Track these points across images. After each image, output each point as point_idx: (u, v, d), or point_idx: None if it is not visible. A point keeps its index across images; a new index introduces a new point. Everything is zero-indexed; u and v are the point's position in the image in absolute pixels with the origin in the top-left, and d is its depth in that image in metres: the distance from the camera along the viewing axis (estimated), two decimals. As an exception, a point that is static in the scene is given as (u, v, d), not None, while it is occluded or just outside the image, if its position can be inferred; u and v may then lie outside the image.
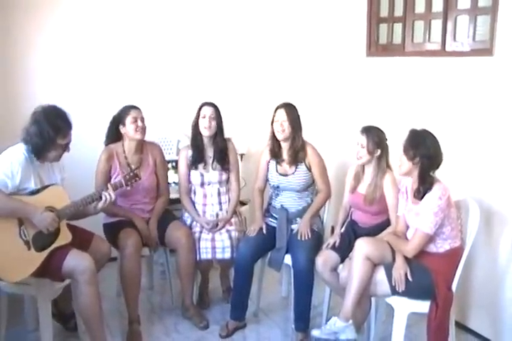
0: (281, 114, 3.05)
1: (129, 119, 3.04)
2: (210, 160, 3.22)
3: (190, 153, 3.22)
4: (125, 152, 3.13)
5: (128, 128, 3.06)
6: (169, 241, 3.14)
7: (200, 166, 3.21)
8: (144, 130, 3.09)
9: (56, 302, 2.87)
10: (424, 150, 2.50)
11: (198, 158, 3.20)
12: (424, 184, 2.53)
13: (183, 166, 3.24)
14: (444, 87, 3.10)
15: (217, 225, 3.16)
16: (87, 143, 3.36)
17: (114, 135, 3.13)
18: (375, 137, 2.81)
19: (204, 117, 3.13)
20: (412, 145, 2.52)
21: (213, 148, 3.21)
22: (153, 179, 3.20)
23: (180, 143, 3.86)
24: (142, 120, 3.09)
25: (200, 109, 3.17)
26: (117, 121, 3.09)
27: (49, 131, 2.53)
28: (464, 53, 3.00)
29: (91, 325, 2.66)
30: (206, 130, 3.14)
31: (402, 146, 2.56)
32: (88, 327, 2.69)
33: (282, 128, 3.03)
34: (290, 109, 3.07)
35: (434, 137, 2.55)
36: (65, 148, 2.65)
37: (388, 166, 2.88)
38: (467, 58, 2.97)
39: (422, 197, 2.54)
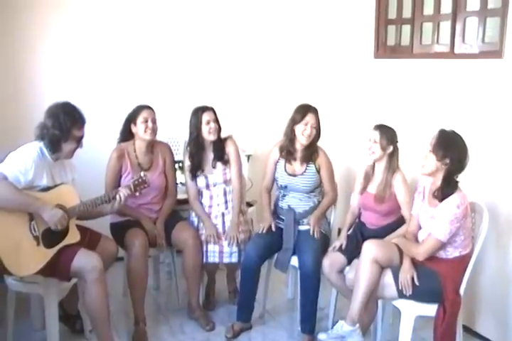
0: (313, 118, 3.01)
1: (140, 119, 3.05)
2: (210, 163, 3.20)
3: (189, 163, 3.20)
4: (136, 151, 3.14)
5: (138, 128, 3.06)
6: (176, 242, 3.14)
7: (201, 173, 3.20)
8: (154, 131, 3.08)
9: (61, 304, 2.88)
10: (456, 152, 2.46)
11: (197, 167, 3.18)
12: (448, 187, 2.49)
13: (188, 175, 3.22)
14: (452, 90, 3.09)
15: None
16: (95, 145, 3.35)
17: (127, 133, 3.13)
18: (388, 134, 2.83)
19: (208, 123, 3.10)
20: (443, 145, 2.47)
21: (213, 150, 3.19)
22: (162, 179, 3.20)
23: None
24: (154, 121, 3.08)
25: (201, 114, 3.10)
26: (130, 119, 3.10)
27: (66, 122, 2.60)
28: (473, 55, 2.98)
29: (98, 324, 2.67)
30: (212, 135, 3.12)
31: (430, 145, 2.50)
32: (95, 327, 2.71)
33: (311, 133, 3.01)
34: (317, 114, 3.04)
35: (463, 140, 2.50)
36: (79, 142, 2.69)
37: (398, 166, 2.87)
38: (476, 60, 2.96)
39: (442, 200, 2.50)
